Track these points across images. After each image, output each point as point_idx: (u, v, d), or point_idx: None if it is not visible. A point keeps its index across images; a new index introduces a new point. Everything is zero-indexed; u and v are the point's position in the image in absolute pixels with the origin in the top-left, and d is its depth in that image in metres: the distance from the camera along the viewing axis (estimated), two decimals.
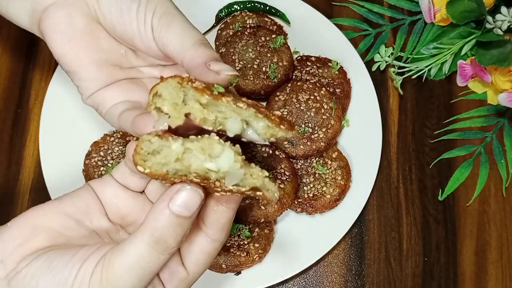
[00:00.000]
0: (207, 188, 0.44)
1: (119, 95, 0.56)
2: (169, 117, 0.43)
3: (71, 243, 0.47)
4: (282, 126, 0.43)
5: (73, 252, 0.44)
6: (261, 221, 0.78)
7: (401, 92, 0.89)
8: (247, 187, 0.42)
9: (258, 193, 0.43)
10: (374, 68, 0.89)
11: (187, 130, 0.45)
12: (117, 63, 0.57)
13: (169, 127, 0.44)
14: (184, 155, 0.42)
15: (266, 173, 0.43)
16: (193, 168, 0.42)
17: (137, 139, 0.45)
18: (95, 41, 0.55)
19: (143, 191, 0.53)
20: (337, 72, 0.87)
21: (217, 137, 0.42)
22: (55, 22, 0.54)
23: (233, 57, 0.84)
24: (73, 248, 0.45)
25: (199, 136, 0.43)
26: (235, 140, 0.44)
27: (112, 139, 0.82)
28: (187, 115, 0.43)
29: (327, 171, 0.82)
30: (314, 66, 0.87)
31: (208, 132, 0.43)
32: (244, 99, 0.44)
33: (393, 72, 0.89)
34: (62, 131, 0.84)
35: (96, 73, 0.56)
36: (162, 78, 0.44)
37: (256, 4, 0.91)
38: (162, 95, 0.43)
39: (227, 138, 0.43)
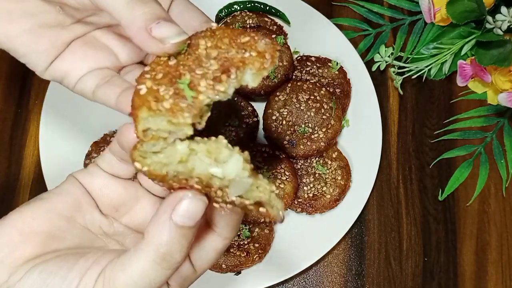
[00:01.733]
0: (207, 195, 0.40)
1: (79, 64, 0.49)
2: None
3: (65, 247, 0.43)
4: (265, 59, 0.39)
5: (69, 265, 0.40)
6: (261, 221, 0.78)
7: (401, 92, 0.89)
8: (251, 201, 0.38)
9: (261, 209, 0.39)
10: (374, 68, 0.89)
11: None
12: (56, 24, 0.48)
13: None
14: (188, 157, 0.39)
15: (274, 188, 0.39)
16: (196, 172, 0.38)
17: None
18: (18, 8, 0.47)
19: (135, 177, 0.48)
20: (337, 72, 0.87)
21: (225, 141, 0.39)
22: None
23: None
24: (69, 259, 0.41)
25: (206, 138, 0.40)
26: (244, 146, 0.40)
27: (112, 139, 0.82)
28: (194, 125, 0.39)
29: (327, 171, 0.82)
30: (314, 66, 0.87)
31: (215, 133, 0.40)
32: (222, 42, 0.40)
33: (393, 72, 0.89)
34: (62, 131, 0.84)
35: (36, 43, 0.48)
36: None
37: (256, 4, 0.91)
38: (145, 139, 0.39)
39: (235, 138, 0.40)
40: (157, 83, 0.39)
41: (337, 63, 0.87)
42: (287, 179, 0.79)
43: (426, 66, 0.89)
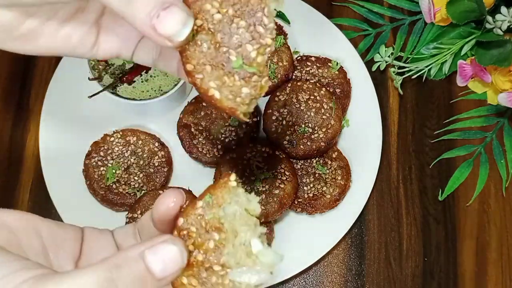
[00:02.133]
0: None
1: (123, 34, 0.47)
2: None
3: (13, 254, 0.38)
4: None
5: (12, 258, 0.36)
6: (261, 221, 0.78)
7: (401, 92, 0.89)
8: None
9: None
10: (374, 68, 0.89)
11: None
12: (75, 11, 0.46)
13: None
14: (248, 216, 0.39)
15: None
16: (243, 228, 0.38)
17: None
18: (33, 23, 0.45)
19: None
20: (337, 72, 0.87)
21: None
22: None
23: None
24: (13, 254, 0.37)
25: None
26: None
27: (112, 139, 0.82)
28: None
29: (327, 171, 0.82)
30: (314, 66, 0.87)
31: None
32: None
33: (393, 72, 0.89)
34: (62, 131, 0.84)
35: (70, 38, 0.46)
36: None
37: None
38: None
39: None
40: (218, 77, 0.38)
41: (337, 63, 0.87)
42: (287, 179, 0.79)
43: (426, 66, 0.89)
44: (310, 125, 0.81)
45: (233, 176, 0.39)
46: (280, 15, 0.91)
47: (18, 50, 0.46)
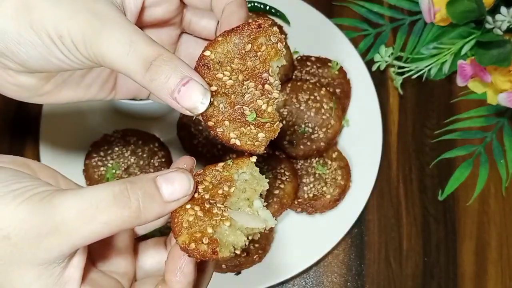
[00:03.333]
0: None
1: None
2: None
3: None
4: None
5: (33, 178, 0.41)
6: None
7: (401, 92, 0.89)
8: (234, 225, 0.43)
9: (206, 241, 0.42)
10: (374, 68, 0.89)
11: None
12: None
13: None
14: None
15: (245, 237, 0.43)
16: (250, 188, 0.45)
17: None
18: (56, 81, 0.50)
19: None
20: (337, 72, 0.87)
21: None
22: (19, 97, 0.50)
23: None
24: (33, 176, 0.42)
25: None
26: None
27: (112, 139, 0.82)
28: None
29: (327, 171, 0.82)
30: (314, 66, 0.87)
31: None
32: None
33: (393, 72, 0.89)
34: (62, 131, 0.84)
35: (90, 88, 0.52)
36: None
37: (256, 4, 0.91)
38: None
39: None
40: (236, 129, 0.45)
41: (337, 63, 0.87)
42: (287, 179, 0.79)
43: (426, 66, 0.89)
44: (310, 125, 0.81)
45: (254, 158, 0.46)
46: (280, 15, 0.91)
47: (43, 102, 0.52)
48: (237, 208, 0.44)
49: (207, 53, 0.43)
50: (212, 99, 0.43)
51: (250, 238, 0.44)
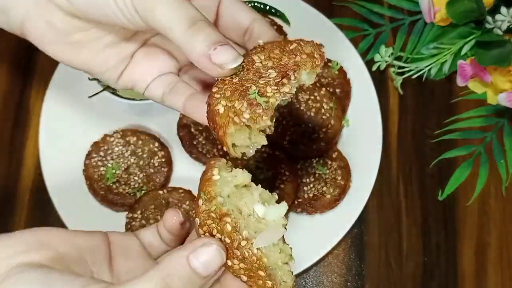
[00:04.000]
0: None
1: (145, 74, 0.54)
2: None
3: (68, 271, 0.44)
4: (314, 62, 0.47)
5: (73, 277, 0.42)
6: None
7: (401, 92, 0.89)
8: (269, 260, 0.44)
9: (268, 282, 0.44)
10: (374, 68, 0.89)
11: None
12: (119, 40, 0.53)
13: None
14: (243, 189, 0.46)
15: (289, 260, 0.45)
16: (242, 203, 0.45)
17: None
18: (85, 36, 0.51)
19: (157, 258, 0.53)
20: (337, 72, 0.87)
21: (276, 196, 0.47)
22: (40, 37, 0.51)
23: None
24: (72, 273, 0.43)
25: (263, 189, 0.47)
26: None
27: (112, 139, 0.82)
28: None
29: (327, 171, 0.82)
30: None
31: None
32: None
33: (393, 72, 0.89)
34: (62, 131, 0.84)
35: (106, 62, 0.53)
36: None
37: (256, 4, 0.91)
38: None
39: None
40: (230, 99, 0.44)
41: (337, 63, 0.87)
42: (287, 179, 0.79)
43: (426, 66, 0.89)
44: (310, 125, 0.81)
45: (216, 171, 0.46)
46: (280, 15, 0.91)
47: (57, 55, 0.52)
48: (254, 231, 0.44)
49: (260, 42, 0.48)
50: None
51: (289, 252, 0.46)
